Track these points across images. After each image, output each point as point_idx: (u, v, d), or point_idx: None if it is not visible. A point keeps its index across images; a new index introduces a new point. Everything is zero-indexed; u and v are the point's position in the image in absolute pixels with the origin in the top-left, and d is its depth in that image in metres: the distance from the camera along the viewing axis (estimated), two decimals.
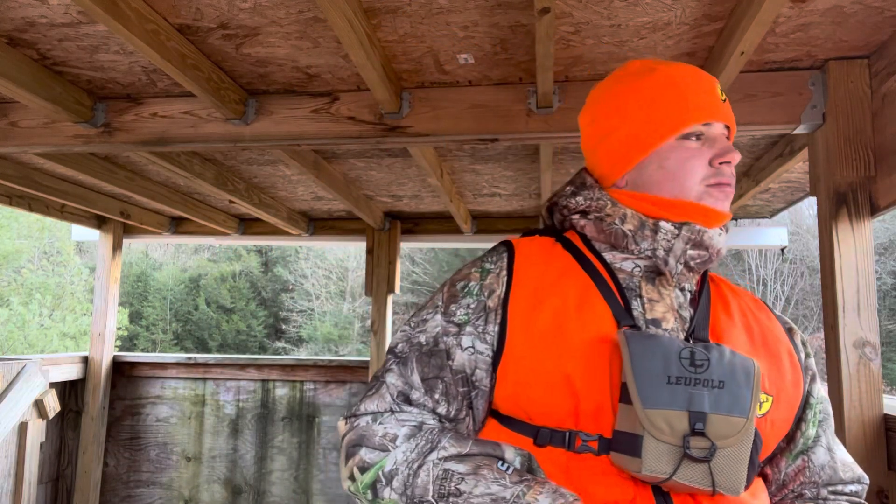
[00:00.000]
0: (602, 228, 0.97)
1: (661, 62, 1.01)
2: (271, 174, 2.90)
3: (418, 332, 0.96)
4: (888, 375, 15.94)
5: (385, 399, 0.91)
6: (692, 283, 0.96)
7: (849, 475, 0.98)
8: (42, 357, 3.29)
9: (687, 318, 0.92)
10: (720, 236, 0.95)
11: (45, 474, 3.59)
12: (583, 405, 0.83)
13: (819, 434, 0.98)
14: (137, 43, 1.41)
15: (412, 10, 1.42)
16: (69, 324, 15.79)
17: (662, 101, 0.96)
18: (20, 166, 2.71)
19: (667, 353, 0.81)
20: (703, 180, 0.94)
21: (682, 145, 0.95)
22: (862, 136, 1.61)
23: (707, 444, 0.78)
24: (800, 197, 3.13)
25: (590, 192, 1.00)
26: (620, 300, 0.90)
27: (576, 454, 0.83)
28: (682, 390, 0.80)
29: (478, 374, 0.91)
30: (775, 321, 1.01)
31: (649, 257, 0.93)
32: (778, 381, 0.91)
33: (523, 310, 0.90)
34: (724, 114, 0.97)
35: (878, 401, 1.55)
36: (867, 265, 1.58)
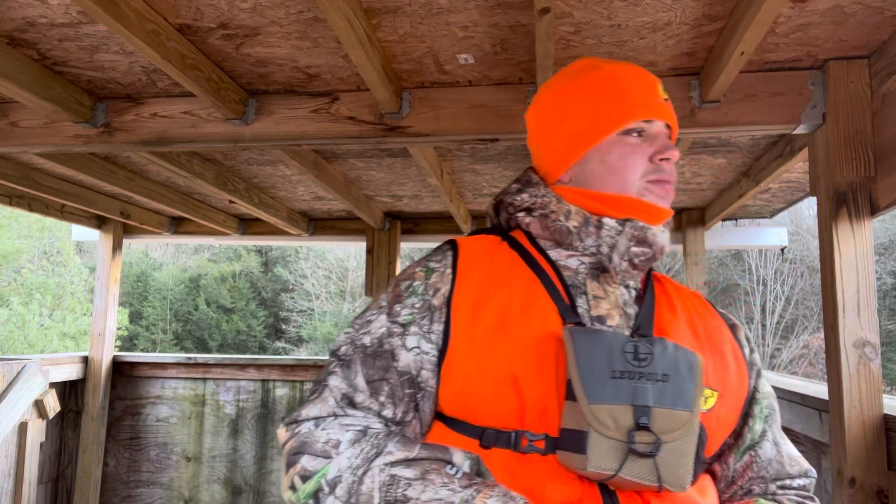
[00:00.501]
0: (547, 226, 0.97)
1: (606, 61, 1.03)
2: (271, 174, 2.90)
3: (362, 334, 0.93)
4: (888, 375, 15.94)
5: (328, 403, 0.88)
6: (637, 280, 0.97)
7: (796, 469, 0.98)
8: (42, 357, 3.29)
9: (632, 315, 0.92)
10: (663, 234, 0.96)
11: (45, 474, 3.58)
12: (528, 404, 0.83)
13: (766, 429, 0.98)
14: (137, 43, 1.41)
15: (412, 10, 1.42)
16: (69, 324, 15.79)
17: (605, 97, 0.97)
18: (20, 166, 2.71)
19: (611, 349, 0.81)
20: (644, 176, 0.95)
21: (623, 140, 0.96)
22: (862, 136, 1.61)
23: (652, 438, 0.78)
24: (800, 197, 3.13)
25: (535, 189, 1.00)
26: (566, 297, 0.90)
27: (522, 455, 0.82)
28: (627, 384, 0.79)
29: (423, 375, 0.89)
30: (719, 318, 1.02)
31: (594, 254, 0.94)
32: (723, 376, 0.92)
33: (467, 308, 0.89)
34: (666, 112, 0.99)
35: (878, 401, 1.55)
36: (867, 265, 1.58)
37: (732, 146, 2.35)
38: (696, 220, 3.48)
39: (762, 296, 18.88)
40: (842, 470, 1.55)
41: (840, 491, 1.56)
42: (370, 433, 0.85)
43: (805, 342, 17.98)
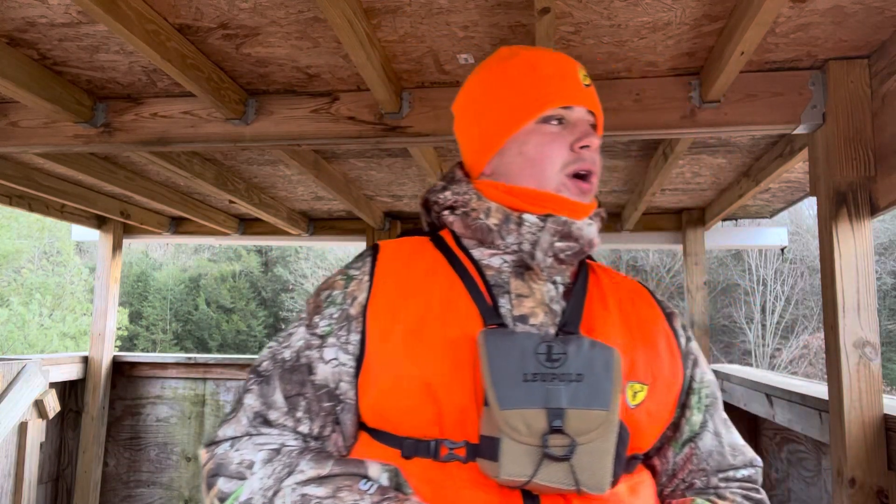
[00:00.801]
0: (468, 224, 0.94)
1: (524, 48, 0.99)
2: (271, 174, 2.90)
3: (283, 348, 0.91)
4: (888, 375, 15.95)
5: (241, 423, 0.87)
6: (566, 275, 0.94)
7: (740, 459, 0.95)
8: (42, 357, 3.29)
9: (558, 312, 0.89)
10: (590, 226, 0.93)
11: (45, 474, 3.58)
12: (445, 411, 0.80)
13: (706, 419, 0.95)
14: (137, 43, 1.41)
15: (412, 10, 1.42)
16: (69, 324, 15.79)
17: (522, 84, 0.94)
18: (20, 166, 2.71)
19: (523, 350, 0.79)
20: (564, 167, 0.92)
21: (541, 129, 0.93)
22: (862, 136, 1.61)
23: (567, 441, 0.75)
24: (800, 197, 3.13)
25: (457, 186, 0.97)
26: (488, 298, 0.88)
27: (443, 464, 0.80)
28: (539, 387, 0.77)
29: (342, 387, 0.87)
30: (655, 307, 0.99)
31: (516, 251, 0.91)
32: (654, 368, 0.90)
33: (383, 315, 0.87)
34: (587, 98, 0.95)
35: (878, 401, 1.55)
36: (867, 265, 1.58)
37: (732, 146, 2.35)
38: (696, 220, 3.48)
39: (762, 296, 18.88)
40: (842, 470, 1.55)
41: (840, 491, 1.56)
42: (284, 451, 0.83)
43: (805, 342, 17.98)
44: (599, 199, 1.02)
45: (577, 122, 0.94)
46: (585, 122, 0.94)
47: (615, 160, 2.59)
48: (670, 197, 3.21)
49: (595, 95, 0.98)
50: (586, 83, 0.96)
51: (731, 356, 18.60)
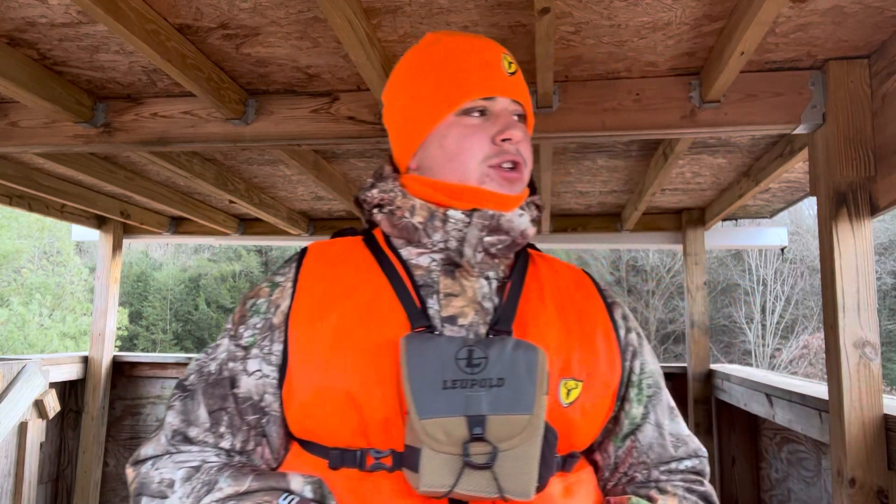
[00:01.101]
0: (394, 223, 0.91)
1: (448, 33, 0.96)
2: (271, 174, 2.90)
3: (210, 360, 0.89)
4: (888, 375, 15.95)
5: (160, 442, 0.85)
6: (499, 270, 0.91)
7: (682, 450, 0.93)
8: (42, 357, 3.29)
9: (490, 310, 0.86)
10: (521, 217, 0.90)
11: (45, 474, 3.58)
12: (369, 421, 0.78)
13: (647, 411, 0.93)
14: (137, 43, 1.41)
15: (412, 10, 1.42)
16: (69, 324, 15.80)
17: (442, 74, 0.91)
18: (20, 166, 2.71)
19: (444, 356, 0.76)
20: (485, 160, 0.88)
21: (461, 122, 0.89)
22: (862, 136, 1.61)
23: (488, 448, 0.73)
24: (800, 197, 3.13)
25: (384, 183, 0.94)
26: (416, 300, 0.85)
27: (369, 474, 0.78)
28: (459, 394, 0.74)
29: (267, 400, 0.85)
30: (595, 298, 0.96)
31: (443, 249, 0.88)
32: (590, 364, 0.87)
33: (306, 323, 0.84)
34: (511, 88, 0.91)
35: (878, 401, 1.55)
36: (867, 265, 1.58)
37: (732, 146, 2.35)
38: (696, 220, 3.49)
39: (762, 296, 18.88)
40: (842, 470, 1.55)
41: (840, 491, 1.56)
42: (203, 469, 0.81)
43: (805, 342, 17.98)
44: (601, 197, 1.01)
45: (499, 113, 0.90)
46: (509, 113, 0.91)
47: (615, 160, 2.59)
48: (670, 197, 3.21)
49: (522, 84, 0.94)
50: (511, 71, 0.92)
51: (731, 356, 18.60)
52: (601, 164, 2.64)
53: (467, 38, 0.95)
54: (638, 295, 19.81)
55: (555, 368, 0.84)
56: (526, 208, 0.92)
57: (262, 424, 0.86)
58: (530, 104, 0.96)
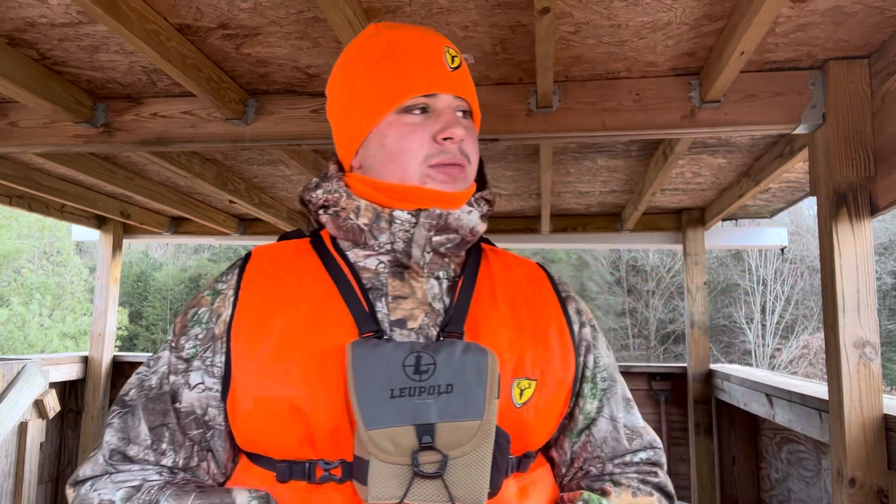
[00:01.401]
0: (339, 225, 0.88)
1: (389, 25, 0.92)
2: (271, 174, 2.90)
3: (151, 374, 0.86)
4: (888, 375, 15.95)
5: (98, 462, 0.82)
6: (450, 269, 0.89)
7: (636, 443, 0.92)
8: (42, 357, 3.29)
9: (441, 311, 0.84)
10: (470, 214, 0.87)
11: (45, 474, 3.59)
12: (316, 432, 0.76)
13: (601, 405, 0.92)
14: (137, 43, 1.41)
15: (412, 10, 1.42)
16: (69, 324, 15.80)
17: (381, 71, 0.87)
18: (20, 166, 2.71)
19: (391, 364, 0.73)
20: (426, 159, 0.85)
21: (401, 120, 0.86)
22: (862, 136, 1.61)
23: (438, 457, 0.71)
24: (800, 197, 3.13)
25: (328, 183, 0.90)
26: (364, 303, 0.82)
27: (318, 486, 0.76)
28: (407, 403, 0.72)
29: (210, 413, 0.82)
30: (549, 293, 0.94)
31: (390, 251, 0.85)
32: (543, 362, 0.85)
33: (248, 332, 0.81)
34: (454, 84, 0.88)
35: (878, 401, 1.55)
36: (867, 265, 1.58)
37: (732, 146, 2.35)
38: (696, 220, 3.49)
39: (762, 296, 18.88)
40: (842, 470, 1.55)
41: (840, 491, 1.56)
42: (144, 488, 0.79)
43: (805, 342, 17.99)
44: (601, 197, 0.98)
45: (442, 110, 0.87)
46: (451, 109, 0.87)
47: (615, 160, 2.59)
48: (670, 197, 3.21)
49: (466, 78, 0.90)
50: (454, 66, 0.88)
51: (731, 356, 18.60)
52: (601, 164, 2.64)
53: (409, 30, 0.91)
54: (638, 295, 19.82)
55: (507, 368, 0.82)
56: (475, 204, 0.89)
57: (206, 439, 0.83)
58: (475, 99, 0.92)
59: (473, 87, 0.93)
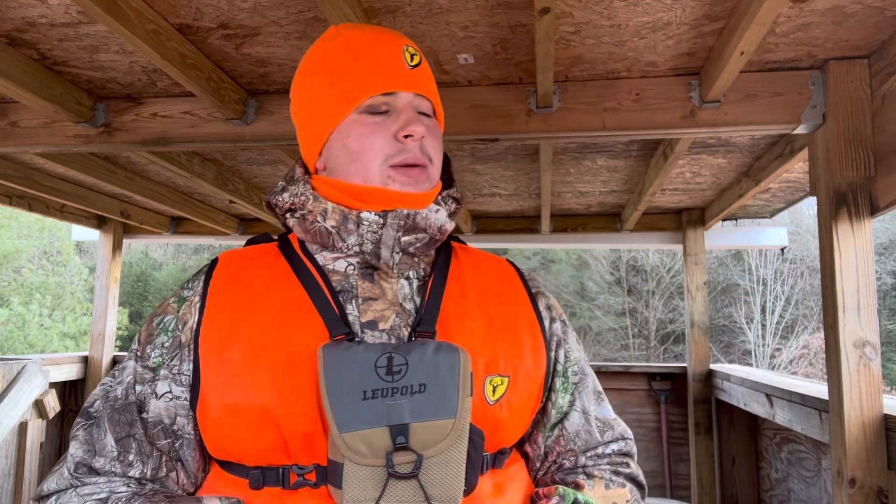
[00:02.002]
0: (307, 228, 0.87)
1: (349, 26, 0.92)
2: (271, 174, 2.90)
3: (116, 384, 0.85)
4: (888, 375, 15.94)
5: (63, 475, 0.81)
6: (419, 268, 0.89)
7: (608, 435, 0.93)
8: (42, 357, 3.29)
9: (412, 311, 0.85)
10: (437, 213, 0.87)
11: (44, 474, 3.58)
12: (289, 437, 0.75)
13: (573, 399, 0.92)
14: (137, 43, 1.41)
15: (412, 10, 1.42)
16: (69, 324, 15.79)
17: (339, 71, 0.88)
18: (20, 166, 2.71)
19: (363, 366, 0.73)
20: (387, 159, 0.85)
21: (361, 120, 0.86)
22: (862, 136, 1.61)
23: (412, 457, 0.71)
24: (800, 197, 3.13)
25: (295, 186, 0.90)
26: (334, 306, 0.82)
27: (293, 491, 0.76)
28: (380, 404, 0.72)
29: (179, 422, 0.82)
30: (519, 289, 0.94)
31: (358, 253, 0.85)
32: (515, 359, 0.86)
33: (216, 338, 0.81)
34: (413, 81, 0.88)
35: (878, 401, 1.55)
36: (867, 265, 1.58)
37: (732, 146, 2.35)
38: (696, 220, 3.49)
39: (762, 296, 18.87)
40: (842, 470, 1.55)
41: (840, 491, 1.56)
42: (112, 500, 0.78)
43: (805, 342, 17.98)
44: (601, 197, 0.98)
45: (402, 108, 0.87)
46: (412, 107, 0.87)
47: (615, 160, 2.59)
48: (670, 197, 3.21)
49: (426, 75, 0.91)
50: (413, 63, 0.89)
51: (731, 356, 18.60)
52: (601, 164, 2.64)
53: (366, 30, 0.92)
54: (638, 295, 19.81)
55: (479, 366, 0.82)
56: (442, 203, 0.89)
57: (175, 448, 0.82)
58: (436, 96, 0.92)
59: (434, 85, 0.93)
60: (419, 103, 0.89)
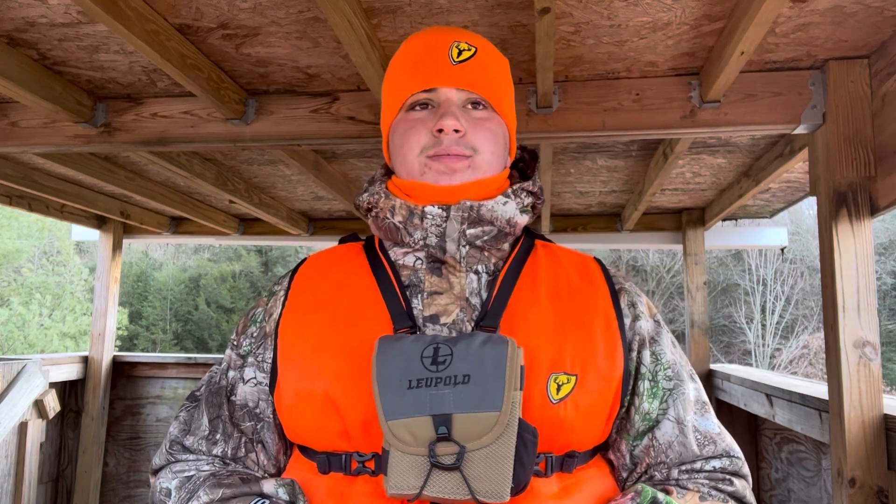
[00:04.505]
0: (379, 225, 0.91)
1: (421, 32, 0.96)
2: (271, 174, 2.90)
3: (217, 370, 0.94)
4: (888, 375, 15.94)
5: (162, 453, 0.89)
6: (490, 262, 0.88)
7: (709, 449, 0.85)
8: (42, 357, 3.29)
9: (478, 305, 0.84)
10: (505, 205, 0.86)
11: (45, 474, 3.58)
12: (350, 424, 0.77)
13: (666, 407, 0.85)
14: (137, 43, 1.41)
15: (412, 10, 1.42)
16: (69, 324, 15.79)
17: (394, 73, 0.94)
18: (20, 166, 2.71)
19: (409, 356, 0.74)
20: (423, 150, 0.87)
21: (407, 117, 0.90)
22: (862, 136, 1.61)
23: (455, 448, 0.70)
24: (800, 197, 3.13)
25: (373, 186, 0.93)
26: (402, 300, 0.84)
27: (354, 477, 0.78)
28: (424, 393, 0.72)
29: (261, 406, 0.88)
30: (600, 285, 0.90)
31: (425, 246, 0.86)
32: (585, 357, 0.82)
33: (292, 329, 0.86)
34: (455, 76, 0.89)
35: (878, 401, 1.55)
36: (867, 265, 1.58)
37: (732, 146, 2.35)
38: (696, 220, 3.49)
39: (762, 296, 18.87)
40: (842, 470, 1.55)
41: (840, 491, 1.56)
42: (194, 478, 0.83)
43: (805, 342, 17.98)
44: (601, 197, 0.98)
45: (441, 103, 0.88)
46: (451, 102, 0.88)
47: (615, 160, 2.59)
48: (670, 197, 3.21)
49: (474, 69, 0.90)
50: (460, 59, 0.89)
51: (731, 356, 18.60)
52: (601, 164, 2.64)
53: (422, 32, 0.94)
54: None
55: (544, 362, 0.80)
56: (513, 195, 0.88)
57: (257, 430, 0.88)
58: (489, 88, 0.91)
59: (488, 77, 0.91)
60: (464, 97, 0.89)
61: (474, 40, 0.92)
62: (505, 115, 0.93)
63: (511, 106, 0.96)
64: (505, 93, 0.94)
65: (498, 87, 0.92)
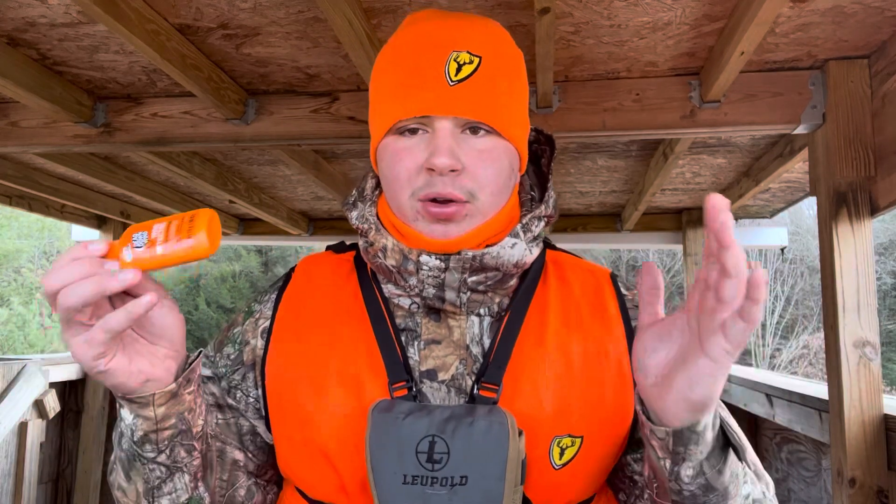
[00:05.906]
0: (370, 259, 0.79)
1: (416, 18, 0.79)
2: (271, 174, 2.90)
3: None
4: (888, 375, 15.94)
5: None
6: (494, 303, 0.79)
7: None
8: (42, 357, 3.29)
9: (479, 355, 0.76)
10: (513, 248, 0.75)
11: (45, 474, 3.58)
12: (347, 481, 0.74)
13: None
14: (137, 43, 1.41)
15: (412, 10, 1.42)
16: None
17: (381, 84, 0.77)
18: (20, 166, 2.71)
19: (404, 448, 0.69)
20: (415, 192, 0.73)
21: (394, 143, 0.75)
22: (862, 136, 1.61)
23: None
24: (800, 197, 3.13)
25: (363, 205, 0.82)
26: (398, 349, 0.76)
27: None
28: (419, 492, 0.68)
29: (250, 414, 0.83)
30: (612, 310, 0.81)
31: (420, 294, 0.76)
32: (593, 413, 0.75)
33: (284, 375, 0.79)
34: (452, 102, 0.72)
35: (878, 401, 1.55)
36: (867, 265, 1.58)
37: (732, 146, 2.35)
38: (696, 220, 3.48)
39: None
40: (842, 470, 1.55)
41: (840, 491, 1.56)
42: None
43: (805, 342, 17.98)
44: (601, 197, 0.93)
45: (436, 130, 0.72)
46: (446, 131, 0.72)
47: (615, 160, 2.59)
48: (670, 197, 3.21)
49: (475, 89, 0.72)
50: (458, 77, 0.72)
51: None
52: (601, 164, 2.64)
53: (419, 28, 0.77)
54: None
55: (548, 423, 0.74)
56: (522, 233, 0.77)
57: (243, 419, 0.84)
58: (495, 110, 0.74)
59: (494, 94, 0.74)
60: (465, 122, 0.73)
61: (479, 43, 0.75)
62: (514, 137, 0.77)
63: (523, 114, 0.80)
64: (516, 107, 0.78)
65: (506, 104, 0.76)
